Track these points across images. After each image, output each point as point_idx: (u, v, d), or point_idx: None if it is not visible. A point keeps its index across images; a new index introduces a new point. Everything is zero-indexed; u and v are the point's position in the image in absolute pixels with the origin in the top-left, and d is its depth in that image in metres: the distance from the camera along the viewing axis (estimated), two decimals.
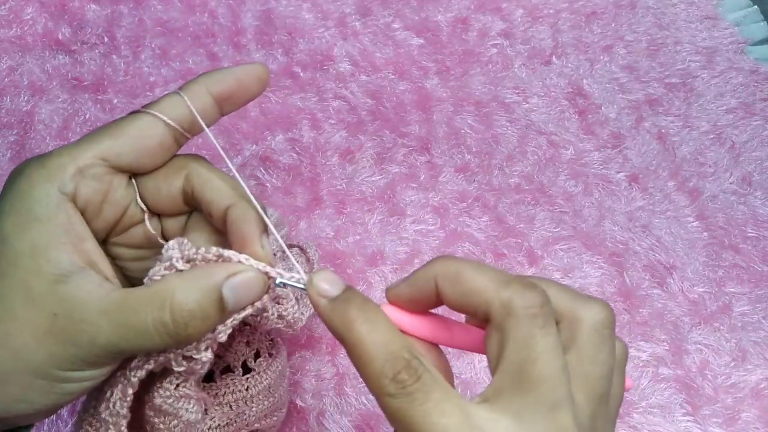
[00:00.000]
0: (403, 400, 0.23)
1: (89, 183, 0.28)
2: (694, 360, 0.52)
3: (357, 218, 0.56)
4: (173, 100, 0.30)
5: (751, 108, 0.65)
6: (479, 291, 0.25)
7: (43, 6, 0.63)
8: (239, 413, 0.36)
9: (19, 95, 0.59)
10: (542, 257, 0.55)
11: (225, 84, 0.30)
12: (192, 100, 0.30)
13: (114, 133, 0.28)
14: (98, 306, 0.26)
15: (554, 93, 0.64)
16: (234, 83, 0.30)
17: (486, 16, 0.67)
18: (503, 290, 0.24)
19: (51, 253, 0.26)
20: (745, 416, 0.50)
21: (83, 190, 0.27)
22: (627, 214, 0.58)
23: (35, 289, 0.25)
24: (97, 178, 0.28)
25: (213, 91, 0.30)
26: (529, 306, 0.24)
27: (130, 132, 0.29)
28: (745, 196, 0.60)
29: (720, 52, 0.68)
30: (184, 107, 0.29)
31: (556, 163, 0.60)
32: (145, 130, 0.29)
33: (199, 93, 0.30)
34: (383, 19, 0.66)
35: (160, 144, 0.29)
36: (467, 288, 0.25)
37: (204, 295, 0.26)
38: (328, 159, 0.58)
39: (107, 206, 0.29)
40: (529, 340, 0.23)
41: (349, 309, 0.25)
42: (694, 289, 0.55)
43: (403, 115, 0.61)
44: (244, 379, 0.36)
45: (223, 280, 0.27)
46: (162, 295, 0.26)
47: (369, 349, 0.24)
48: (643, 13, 0.69)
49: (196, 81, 0.30)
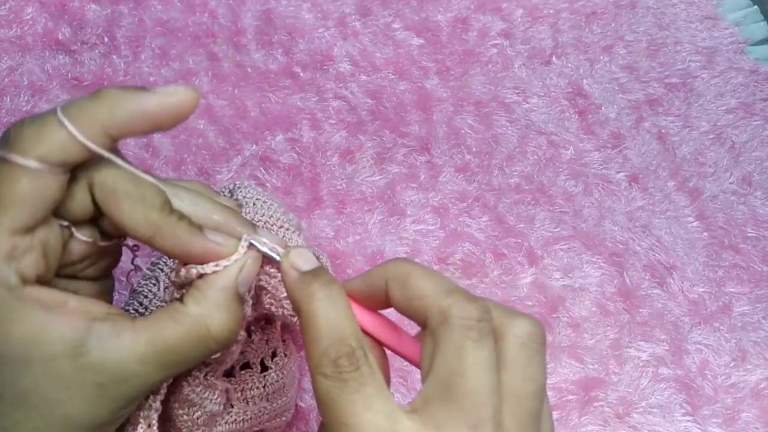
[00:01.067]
0: (334, 384, 0.23)
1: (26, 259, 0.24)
2: (694, 360, 0.52)
3: (357, 218, 0.56)
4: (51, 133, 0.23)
5: (751, 108, 0.65)
6: (421, 296, 0.25)
7: (43, 6, 0.63)
8: (256, 410, 0.37)
9: (19, 95, 0.59)
10: (542, 257, 0.55)
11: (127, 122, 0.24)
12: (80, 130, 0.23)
13: (8, 204, 0.23)
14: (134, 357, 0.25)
15: (554, 93, 0.64)
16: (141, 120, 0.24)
17: (486, 16, 0.67)
18: (444, 298, 0.24)
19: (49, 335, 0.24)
20: (744, 416, 0.50)
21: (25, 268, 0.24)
22: (627, 214, 0.58)
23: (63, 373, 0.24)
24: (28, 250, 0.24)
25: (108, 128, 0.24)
26: (465, 317, 0.23)
27: (17, 195, 0.23)
28: (745, 196, 0.60)
29: (720, 52, 0.68)
30: (68, 142, 0.23)
31: (556, 163, 0.60)
32: (32, 184, 0.23)
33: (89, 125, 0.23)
34: (383, 19, 0.66)
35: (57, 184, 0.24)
36: (411, 292, 0.25)
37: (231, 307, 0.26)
38: (328, 159, 0.58)
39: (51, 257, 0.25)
40: (461, 352, 0.23)
41: (313, 283, 0.25)
42: (694, 289, 0.55)
43: (403, 115, 0.61)
44: (262, 376, 0.37)
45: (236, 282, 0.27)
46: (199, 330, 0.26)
47: (320, 326, 0.24)
48: (643, 13, 0.69)
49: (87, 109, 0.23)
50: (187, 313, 0.26)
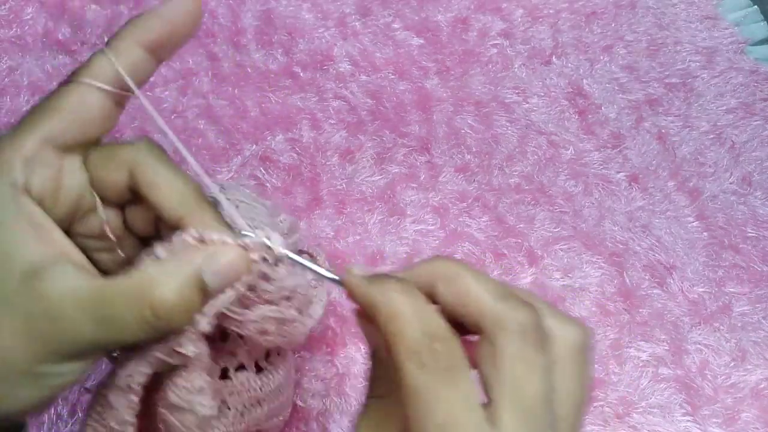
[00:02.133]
0: (432, 376, 0.23)
1: (40, 171, 0.26)
2: (694, 360, 0.52)
3: (357, 218, 0.56)
4: (103, 61, 0.27)
5: (751, 108, 0.65)
6: (476, 299, 0.24)
7: (43, 6, 0.63)
8: (252, 411, 0.37)
9: (19, 95, 0.59)
10: (542, 257, 0.55)
11: (155, 31, 0.27)
12: (121, 58, 0.27)
13: (51, 112, 0.26)
14: (75, 301, 0.24)
15: (554, 93, 0.64)
16: (164, 27, 0.27)
17: (486, 16, 0.67)
18: (500, 303, 0.24)
19: (19, 249, 0.24)
20: (744, 416, 0.50)
21: (36, 180, 0.26)
22: (627, 214, 0.58)
23: (8, 290, 0.24)
24: (46, 164, 0.26)
25: (143, 42, 0.27)
26: (523, 324, 0.23)
27: (68, 107, 0.26)
28: (745, 196, 0.60)
29: (720, 52, 0.68)
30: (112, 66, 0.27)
31: (556, 163, 0.60)
32: (84, 101, 0.26)
33: (129, 48, 0.27)
34: (383, 19, 0.66)
35: (102, 113, 0.27)
36: (463, 294, 0.24)
37: (185, 285, 0.25)
38: (328, 159, 0.58)
39: (63, 192, 0.27)
40: (524, 359, 0.23)
41: (386, 281, 0.25)
42: (694, 289, 0.55)
43: (403, 115, 0.61)
44: (258, 377, 0.36)
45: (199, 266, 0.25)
46: (141, 288, 0.25)
47: (408, 316, 0.23)
48: (643, 13, 0.69)
49: (122, 36, 0.27)
50: (140, 269, 0.25)
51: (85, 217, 0.28)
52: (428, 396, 0.22)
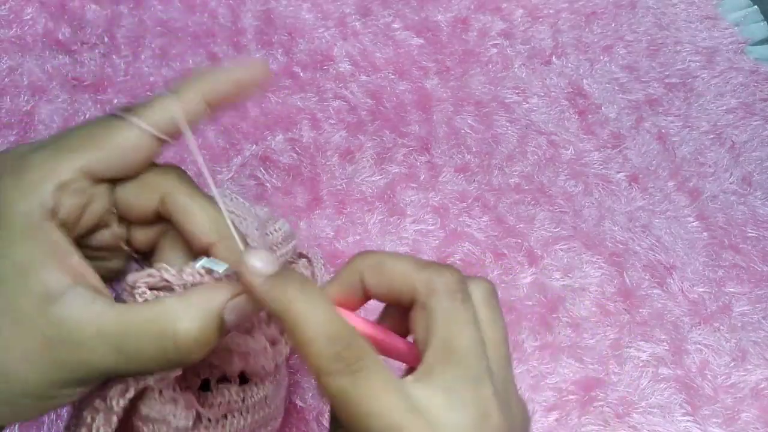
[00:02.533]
0: (345, 379, 0.23)
1: (70, 198, 0.26)
2: (694, 360, 0.52)
3: (357, 218, 0.56)
4: (162, 104, 0.27)
5: (751, 108, 0.65)
6: (401, 276, 0.26)
7: (43, 6, 0.63)
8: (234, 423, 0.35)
9: (19, 95, 0.59)
10: (542, 257, 0.55)
11: (222, 89, 0.28)
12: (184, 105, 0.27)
13: (97, 142, 0.26)
14: (94, 328, 0.24)
15: (554, 93, 0.64)
16: (232, 88, 0.28)
17: (486, 16, 0.67)
18: (423, 272, 0.25)
19: (38, 272, 0.24)
20: (744, 416, 0.50)
21: (65, 206, 0.26)
22: (627, 214, 0.58)
23: (24, 311, 0.24)
24: (78, 191, 0.26)
25: (208, 96, 0.28)
26: (448, 283, 0.25)
27: (114, 143, 0.26)
28: (745, 196, 0.60)
29: (720, 52, 0.68)
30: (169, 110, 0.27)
31: (556, 163, 0.60)
32: (132, 140, 0.27)
33: (193, 98, 0.28)
34: (383, 19, 0.66)
35: (144, 155, 0.27)
36: (390, 275, 0.26)
37: (207, 322, 0.25)
38: (328, 159, 0.58)
39: (86, 216, 0.27)
40: (453, 315, 0.25)
41: (288, 285, 0.24)
42: (694, 289, 0.55)
43: (403, 115, 0.61)
44: (241, 389, 0.35)
45: (224, 303, 0.26)
46: (164, 323, 0.25)
47: (310, 326, 0.24)
48: (643, 13, 0.69)
49: (190, 86, 0.28)
50: (163, 303, 0.25)
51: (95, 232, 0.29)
52: (347, 397, 0.23)
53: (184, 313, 0.25)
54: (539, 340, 0.52)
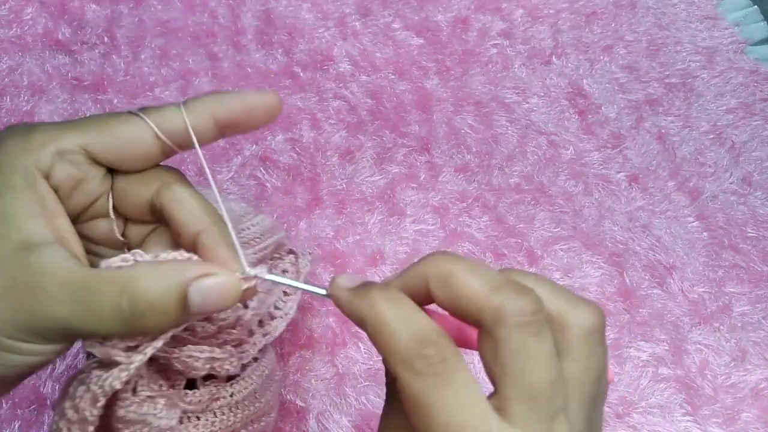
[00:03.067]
0: (427, 381, 0.22)
1: (65, 167, 0.27)
2: (694, 360, 0.52)
3: (357, 218, 0.56)
4: (172, 112, 0.29)
5: (751, 108, 0.65)
6: (470, 296, 0.24)
7: (43, 6, 0.63)
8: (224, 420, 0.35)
9: (19, 95, 0.59)
10: (542, 257, 0.55)
11: (231, 111, 0.29)
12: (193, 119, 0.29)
13: (102, 127, 0.28)
14: (59, 279, 0.25)
15: (554, 93, 0.64)
16: (241, 112, 0.29)
17: (486, 16, 0.67)
18: (495, 296, 0.23)
19: (22, 221, 0.26)
20: (744, 416, 0.50)
21: (58, 172, 0.27)
22: (627, 214, 0.58)
23: (1, 254, 0.25)
24: (74, 164, 0.28)
25: (217, 115, 0.29)
26: (521, 314, 0.23)
27: (118, 131, 0.28)
28: (745, 196, 0.60)
29: (720, 52, 0.68)
30: (180, 122, 0.29)
31: (556, 163, 0.60)
32: (134, 134, 0.28)
33: (202, 113, 0.29)
34: (383, 19, 0.66)
35: (145, 152, 0.29)
36: (457, 291, 0.24)
37: (168, 289, 0.25)
38: (328, 159, 0.58)
39: (78, 193, 0.28)
40: (525, 349, 0.23)
41: (370, 291, 0.25)
42: (694, 289, 0.55)
43: (403, 115, 0.61)
44: (228, 385, 0.35)
45: (192, 278, 0.26)
46: (125, 279, 0.25)
47: (394, 325, 0.23)
48: (643, 13, 0.69)
49: (202, 101, 0.29)
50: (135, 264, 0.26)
51: (91, 221, 0.30)
52: (427, 401, 0.22)
53: (147, 275, 0.25)
54: None
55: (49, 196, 0.27)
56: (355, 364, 0.50)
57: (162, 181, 0.29)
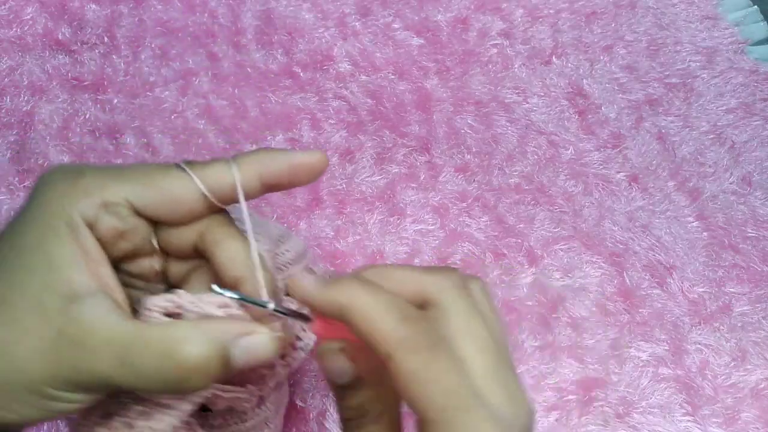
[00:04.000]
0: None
1: (110, 219, 0.27)
2: (694, 360, 0.52)
3: (357, 218, 0.56)
4: (220, 169, 0.28)
5: (751, 108, 0.65)
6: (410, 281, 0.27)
7: (43, 6, 0.63)
8: None
9: (19, 95, 0.59)
10: (542, 257, 0.55)
11: (278, 172, 0.29)
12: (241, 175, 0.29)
13: (149, 181, 0.28)
14: (105, 335, 0.25)
15: (554, 93, 0.64)
16: (287, 173, 0.29)
17: (486, 16, 0.67)
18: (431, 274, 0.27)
19: (67, 271, 0.26)
20: (744, 416, 0.50)
21: (103, 224, 0.27)
22: (627, 214, 0.58)
23: (47, 305, 0.25)
24: (119, 217, 0.27)
25: (264, 175, 0.29)
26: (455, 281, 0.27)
27: (164, 187, 0.28)
28: (745, 196, 0.60)
29: (720, 52, 0.68)
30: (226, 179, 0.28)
31: (556, 163, 0.60)
32: (180, 190, 0.28)
33: (249, 173, 0.29)
34: (383, 19, 0.66)
35: (190, 209, 0.28)
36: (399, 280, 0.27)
37: (212, 351, 0.26)
38: (328, 159, 0.58)
39: (122, 242, 0.28)
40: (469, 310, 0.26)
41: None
42: (694, 289, 0.55)
43: (403, 115, 0.61)
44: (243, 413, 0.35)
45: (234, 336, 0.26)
46: (170, 342, 0.25)
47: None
48: (643, 13, 0.69)
49: (250, 159, 0.29)
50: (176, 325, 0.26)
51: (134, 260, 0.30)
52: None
53: (192, 337, 0.26)
54: (539, 340, 0.52)
55: (92, 245, 0.27)
56: None
57: (206, 224, 0.29)
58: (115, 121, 0.59)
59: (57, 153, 0.57)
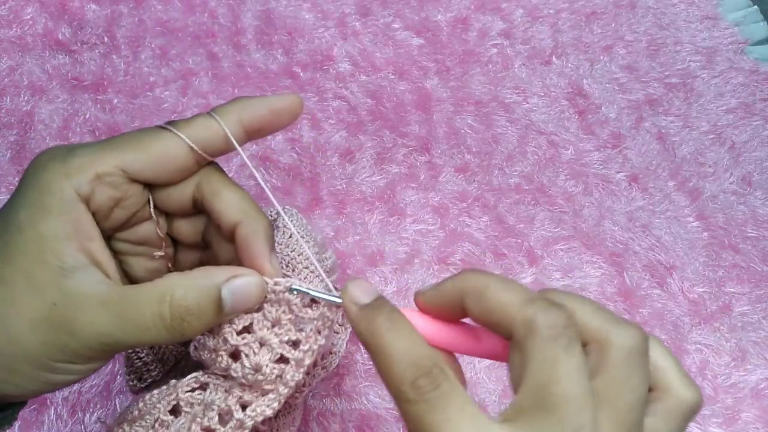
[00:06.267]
0: (420, 407, 0.23)
1: (105, 189, 0.28)
2: (694, 360, 0.52)
3: (357, 218, 0.56)
4: (202, 122, 0.30)
5: (751, 108, 0.65)
6: (502, 308, 0.24)
7: (43, 6, 0.63)
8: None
9: (19, 95, 0.59)
10: (542, 257, 0.55)
11: (258, 116, 0.30)
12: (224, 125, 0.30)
13: (138, 146, 0.29)
14: (98, 299, 0.26)
15: (554, 93, 0.64)
16: (267, 115, 0.30)
17: (486, 16, 0.67)
18: (527, 308, 0.24)
19: (58, 246, 0.26)
20: (745, 416, 0.50)
21: (98, 195, 0.28)
22: (627, 214, 0.58)
23: (38, 278, 0.26)
24: (113, 186, 0.28)
25: (245, 121, 0.30)
26: (552, 326, 0.23)
27: (154, 149, 0.29)
28: (745, 196, 0.60)
29: (720, 52, 0.68)
30: (210, 130, 0.29)
31: (556, 163, 0.60)
32: (170, 150, 0.29)
33: (230, 120, 0.30)
34: (383, 19, 0.66)
35: (181, 166, 0.30)
36: (491, 304, 0.25)
37: (202, 294, 0.27)
38: (328, 159, 0.58)
39: (119, 209, 0.29)
40: (552, 361, 0.23)
41: (376, 316, 0.26)
42: (694, 289, 0.55)
43: (403, 115, 0.61)
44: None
45: (222, 281, 0.28)
46: (162, 290, 0.27)
47: (392, 354, 0.25)
48: (643, 13, 0.69)
49: (228, 108, 0.30)
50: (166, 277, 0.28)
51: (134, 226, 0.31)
52: (422, 425, 0.23)
53: (182, 284, 0.27)
54: None
55: (85, 219, 0.28)
56: (355, 365, 0.50)
57: (201, 176, 0.30)
58: (115, 121, 0.59)
59: None
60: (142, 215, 0.31)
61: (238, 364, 0.29)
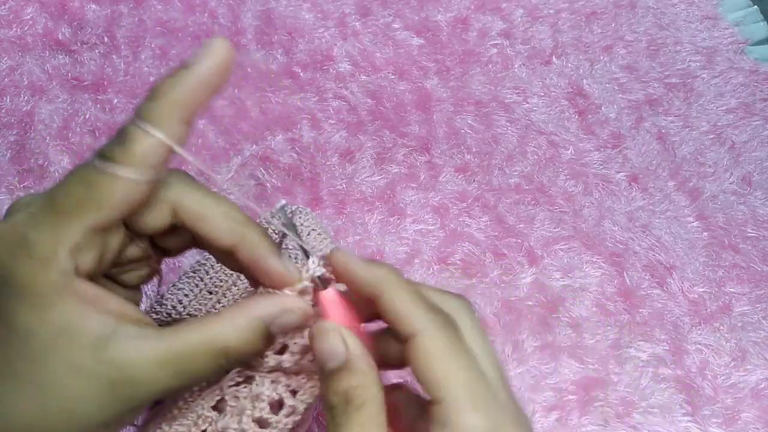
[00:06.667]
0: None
1: (86, 254, 0.26)
2: (694, 360, 0.52)
3: (357, 218, 0.56)
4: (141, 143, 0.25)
5: (751, 108, 0.65)
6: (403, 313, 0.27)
7: (43, 6, 0.63)
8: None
9: (19, 95, 0.59)
10: (542, 257, 0.55)
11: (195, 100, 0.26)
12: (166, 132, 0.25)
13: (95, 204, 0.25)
14: (150, 360, 0.26)
15: (554, 93, 0.64)
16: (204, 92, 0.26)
17: (486, 16, 0.67)
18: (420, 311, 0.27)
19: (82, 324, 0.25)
20: (744, 416, 0.50)
21: (83, 261, 0.26)
22: (627, 214, 0.58)
23: (81, 363, 0.25)
24: (92, 245, 0.26)
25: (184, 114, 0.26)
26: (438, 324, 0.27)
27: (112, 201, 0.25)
28: (745, 196, 0.60)
29: (720, 52, 0.68)
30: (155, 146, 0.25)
31: (556, 163, 0.60)
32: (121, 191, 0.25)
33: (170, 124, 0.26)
34: (383, 19, 0.66)
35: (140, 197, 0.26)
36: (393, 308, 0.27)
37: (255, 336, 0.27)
38: (328, 159, 0.58)
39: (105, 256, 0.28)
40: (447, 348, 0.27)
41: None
42: (694, 289, 0.55)
43: (403, 115, 0.61)
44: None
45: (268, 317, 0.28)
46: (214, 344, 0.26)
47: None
48: (643, 13, 0.69)
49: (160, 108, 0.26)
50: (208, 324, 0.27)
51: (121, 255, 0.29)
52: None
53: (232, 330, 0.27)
54: (539, 340, 0.52)
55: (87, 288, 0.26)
56: None
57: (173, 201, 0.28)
58: (115, 121, 0.59)
59: (57, 153, 0.57)
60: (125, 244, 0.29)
61: (287, 355, 0.29)
